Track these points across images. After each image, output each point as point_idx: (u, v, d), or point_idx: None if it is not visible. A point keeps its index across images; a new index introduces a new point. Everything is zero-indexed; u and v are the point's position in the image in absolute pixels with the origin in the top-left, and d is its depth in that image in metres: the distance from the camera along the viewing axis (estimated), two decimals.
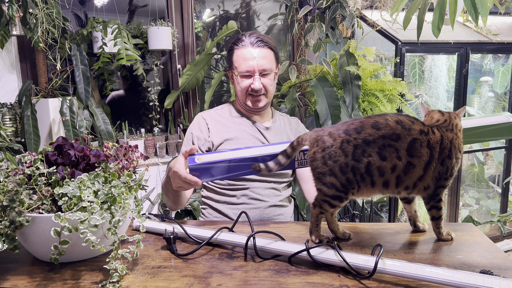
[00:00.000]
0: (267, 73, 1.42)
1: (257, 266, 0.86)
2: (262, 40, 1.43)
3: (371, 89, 2.31)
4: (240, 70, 1.42)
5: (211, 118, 1.49)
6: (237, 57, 1.43)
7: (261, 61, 1.40)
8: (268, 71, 1.42)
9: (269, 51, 1.44)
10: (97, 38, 2.29)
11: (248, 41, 1.42)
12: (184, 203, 1.38)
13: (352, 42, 2.31)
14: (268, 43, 1.44)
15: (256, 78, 1.41)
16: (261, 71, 1.41)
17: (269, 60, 1.43)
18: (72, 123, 2.11)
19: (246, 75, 1.42)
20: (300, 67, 2.66)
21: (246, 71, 1.41)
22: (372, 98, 2.30)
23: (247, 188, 1.42)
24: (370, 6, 2.57)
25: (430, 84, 3.20)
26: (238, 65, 1.42)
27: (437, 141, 0.92)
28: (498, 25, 2.97)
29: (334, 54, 2.40)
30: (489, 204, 3.39)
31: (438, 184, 0.94)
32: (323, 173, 0.91)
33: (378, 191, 0.93)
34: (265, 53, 1.42)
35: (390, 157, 0.89)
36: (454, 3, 1.45)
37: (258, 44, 1.41)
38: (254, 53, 1.40)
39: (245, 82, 1.43)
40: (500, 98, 3.58)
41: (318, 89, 2.18)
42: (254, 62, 1.40)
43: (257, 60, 1.40)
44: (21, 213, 0.80)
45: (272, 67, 1.43)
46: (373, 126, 0.91)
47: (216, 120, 1.49)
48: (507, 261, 0.86)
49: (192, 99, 2.71)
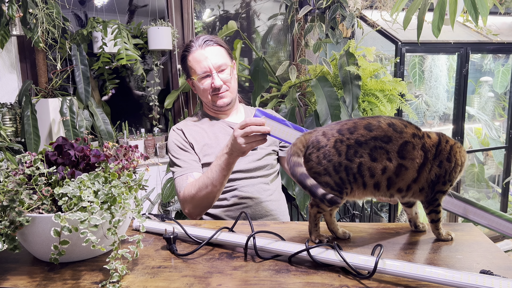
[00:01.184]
0: (223, 68, 1.45)
1: (257, 266, 0.86)
2: (209, 39, 1.46)
3: (371, 89, 2.31)
4: (197, 72, 1.45)
5: (186, 128, 1.51)
6: (191, 62, 1.46)
7: (214, 59, 1.43)
8: (223, 66, 1.45)
9: (219, 47, 1.47)
10: (97, 38, 2.29)
11: (196, 44, 1.45)
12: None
13: (352, 42, 2.31)
14: (216, 40, 1.47)
15: (214, 76, 1.43)
16: (216, 68, 1.44)
17: (221, 56, 1.46)
18: (72, 123, 2.11)
19: (204, 76, 1.45)
20: (300, 67, 2.66)
21: (203, 72, 1.44)
22: (372, 98, 2.30)
23: (235, 188, 1.43)
24: (370, 6, 2.57)
25: (430, 84, 3.20)
26: (194, 69, 1.45)
27: (434, 144, 0.92)
28: (498, 25, 2.97)
29: (334, 54, 2.40)
30: (489, 204, 3.38)
31: (436, 188, 0.93)
32: (318, 172, 0.91)
33: (370, 193, 0.93)
34: (216, 50, 1.45)
35: (380, 159, 0.89)
36: (454, 3, 1.45)
37: (207, 44, 1.45)
38: (205, 53, 1.44)
39: (206, 83, 1.45)
40: (500, 98, 3.58)
41: (318, 89, 2.18)
42: (207, 61, 1.43)
43: (210, 59, 1.43)
44: (21, 213, 0.80)
45: (226, 62, 1.46)
46: (365, 127, 0.91)
47: (191, 128, 1.51)
48: (507, 261, 0.86)
49: (192, 99, 2.71)
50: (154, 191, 2.46)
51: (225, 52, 1.49)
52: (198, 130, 1.50)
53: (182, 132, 1.50)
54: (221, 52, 1.47)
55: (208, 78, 1.45)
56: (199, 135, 1.49)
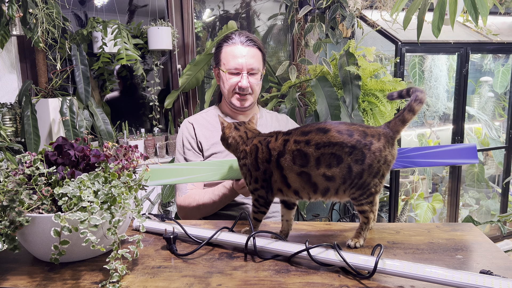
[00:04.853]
0: (254, 72, 1.44)
1: (257, 266, 0.86)
2: (252, 39, 1.44)
3: (371, 89, 2.31)
4: (228, 66, 1.43)
5: (197, 123, 1.50)
6: (226, 54, 1.44)
7: (250, 60, 1.42)
8: (255, 70, 1.44)
9: (258, 51, 1.45)
10: (97, 38, 2.29)
11: (238, 39, 1.43)
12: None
13: (352, 42, 2.31)
14: (257, 43, 1.46)
15: (243, 76, 1.42)
16: (249, 69, 1.42)
17: (257, 59, 1.44)
18: (72, 123, 2.11)
19: (234, 72, 1.43)
20: (300, 67, 2.66)
21: (234, 68, 1.42)
22: (372, 98, 2.30)
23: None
24: (370, 6, 2.57)
25: (430, 84, 3.20)
26: (226, 62, 1.43)
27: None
28: (498, 25, 2.97)
29: (334, 54, 2.40)
30: (489, 204, 3.39)
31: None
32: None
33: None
34: (254, 52, 1.44)
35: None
36: (454, 3, 1.45)
37: (248, 43, 1.43)
38: (243, 51, 1.42)
39: (233, 80, 1.44)
40: (500, 98, 3.58)
41: (318, 89, 2.18)
42: (243, 60, 1.41)
43: (246, 59, 1.41)
44: (21, 213, 0.80)
45: (259, 67, 1.45)
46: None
47: (202, 125, 1.50)
48: (507, 261, 0.86)
49: (192, 99, 2.71)
50: (154, 191, 2.46)
51: (261, 57, 1.48)
52: (210, 128, 1.49)
53: (193, 127, 1.49)
54: (258, 56, 1.46)
55: (237, 76, 1.43)
56: (209, 132, 1.48)
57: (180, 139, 1.50)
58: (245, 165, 0.99)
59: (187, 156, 1.47)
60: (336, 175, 0.88)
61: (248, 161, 0.98)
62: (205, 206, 1.36)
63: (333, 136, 0.88)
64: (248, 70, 1.42)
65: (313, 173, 0.89)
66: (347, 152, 0.87)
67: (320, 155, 0.88)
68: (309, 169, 0.89)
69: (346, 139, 0.87)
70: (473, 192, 3.46)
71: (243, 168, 1.00)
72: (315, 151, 0.88)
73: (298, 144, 0.90)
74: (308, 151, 0.89)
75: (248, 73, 1.43)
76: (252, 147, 0.98)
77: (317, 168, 0.88)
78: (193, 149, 1.47)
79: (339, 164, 0.87)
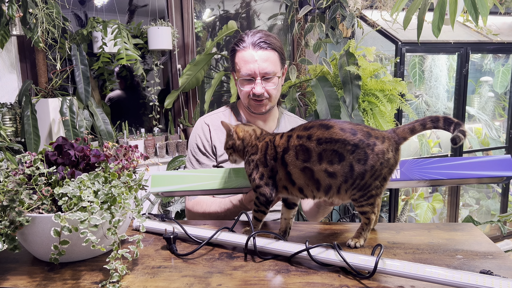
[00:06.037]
0: (269, 77, 1.32)
1: (257, 266, 0.86)
2: (265, 41, 1.31)
3: (371, 89, 2.31)
4: (241, 73, 1.33)
5: (213, 126, 1.44)
6: (239, 59, 1.33)
7: (263, 64, 1.30)
8: (270, 74, 1.32)
9: (273, 52, 1.32)
10: (97, 38, 2.29)
11: (249, 41, 1.31)
12: None
13: (352, 42, 2.31)
14: (272, 43, 1.32)
15: (257, 83, 1.31)
16: (263, 74, 1.31)
17: (272, 62, 1.32)
18: (72, 123, 2.11)
19: (247, 79, 1.33)
20: (300, 67, 2.66)
21: (247, 75, 1.32)
22: (372, 98, 2.30)
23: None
24: (370, 6, 2.57)
25: (430, 84, 3.20)
26: (239, 68, 1.33)
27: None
28: (498, 25, 2.97)
29: (334, 54, 2.40)
30: (489, 204, 3.39)
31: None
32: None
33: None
34: (268, 55, 1.31)
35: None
36: (454, 3, 1.45)
37: (260, 46, 1.30)
38: (255, 56, 1.30)
39: (247, 87, 1.34)
40: (500, 98, 3.58)
41: (318, 89, 2.18)
42: (255, 65, 1.30)
43: (259, 63, 1.30)
44: (21, 213, 0.80)
45: (275, 70, 1.33)
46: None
47: (218, 127, 1.42)
48: (507, 261, 0.86)
49: (192, 99, 2.71)
50: None
51: (278, 58, 1.34)
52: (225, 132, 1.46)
53: (209, 128, 1.42)
54: (273, 58, 1.32)
55: (251, 83, 1.33)
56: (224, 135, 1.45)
57: (193, 139, 1.44)
58: (253, 161, 0.99)
59: (200, 158, 1.42)
60: (338, 172, 0.88)
61: (257, 156, 0.98)
62: (210, 215, 1.34)
63: (335, 133, 0.88)
64: (261, 75, 1.31)
65: (315, 168, 0.90)
66: (349, 150, 0.87)
67: (322, 151, 0.89)
68: (312, 164, 0.90)
69: (348, 137, 0.87)
70: (473, 192, 3.46)
71: (250, 164, 1.00)
72: (317, 146, 0.89)
73: (300, 139, 0.92)
74: (310, 146, 0.90)
75: (262, 78, 1.32)
76: (263, 144, 0.99)
77: (319, 163, 0.89)
78: (207, 152, 1.42)
79: (341, 161, 0.88)
